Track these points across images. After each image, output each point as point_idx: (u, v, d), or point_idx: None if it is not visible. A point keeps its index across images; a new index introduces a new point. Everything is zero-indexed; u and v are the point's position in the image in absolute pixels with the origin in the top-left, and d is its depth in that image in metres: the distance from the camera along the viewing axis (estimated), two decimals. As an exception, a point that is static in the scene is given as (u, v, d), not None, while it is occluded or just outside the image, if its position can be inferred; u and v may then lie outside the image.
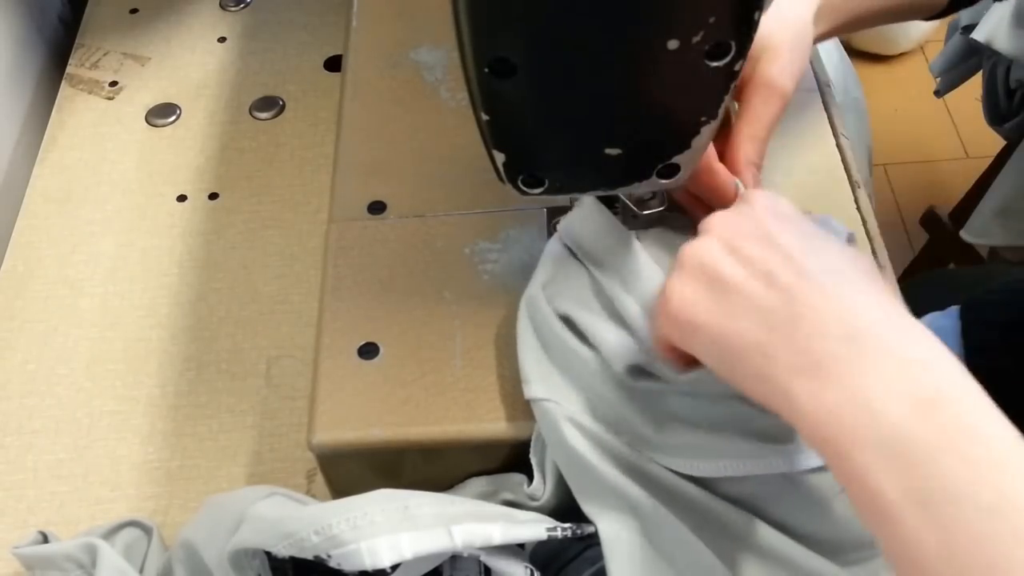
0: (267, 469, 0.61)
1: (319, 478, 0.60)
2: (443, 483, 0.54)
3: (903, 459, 0.34)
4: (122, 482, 0.62)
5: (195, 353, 0.67)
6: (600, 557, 0.47)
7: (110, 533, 0.56)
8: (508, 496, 0.51)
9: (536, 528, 0.47)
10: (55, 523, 0.60)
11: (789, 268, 0.40)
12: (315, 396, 0.52)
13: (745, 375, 0.40)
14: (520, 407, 0.51)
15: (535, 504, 0.50)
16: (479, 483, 0.53)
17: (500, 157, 0.46)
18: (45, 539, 0.55)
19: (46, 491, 0.61)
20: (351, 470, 0.53)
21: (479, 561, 0.48)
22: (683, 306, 0.42)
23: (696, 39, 0.39)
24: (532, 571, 0.47)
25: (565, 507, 0.50)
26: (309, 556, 0.45)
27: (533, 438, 0.50)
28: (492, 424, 0.51)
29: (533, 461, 0.51)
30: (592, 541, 0.48)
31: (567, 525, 0.47)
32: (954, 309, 0.73)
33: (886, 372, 0.36)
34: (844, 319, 0.38)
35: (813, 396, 0.37)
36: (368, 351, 0.53)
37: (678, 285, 0.43)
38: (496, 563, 0.47)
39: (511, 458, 0.52)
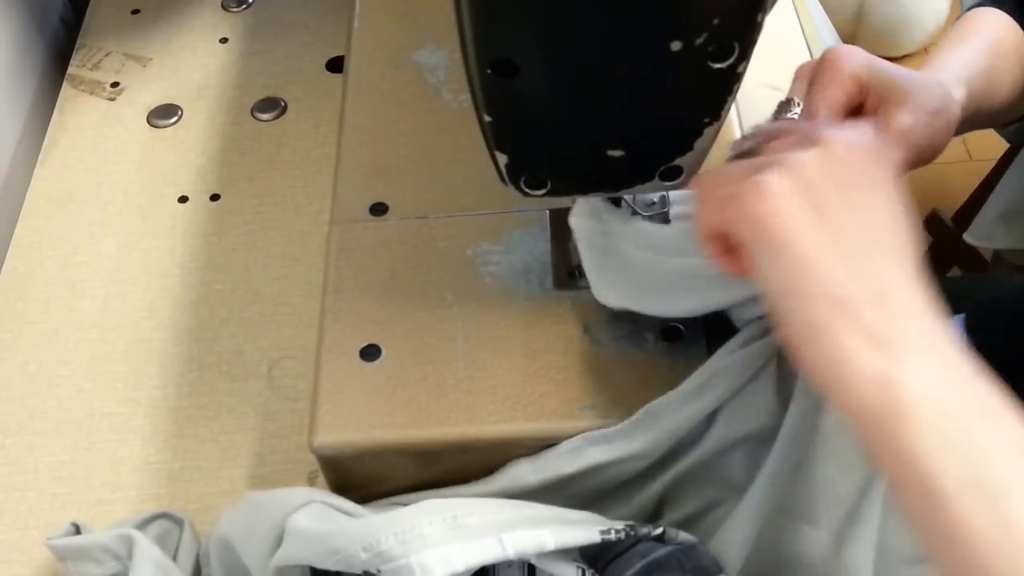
0: (269, 471, 0.61)
1: (320, 480, 0.60)
2: (445, 485, 0.54)
3: (961, 449, 0.35)
4: (123, 483, 0.61)
5: (196, 354, 0.67)
6: (651, 551, 0.47)
7: (142, 525, 0.55)
8: None
9: (589, 531, 0.46)
10: (56, 524, 0.59)
11: (886, 243, 0.39)
12: (316, 398, 0.52)
13: (806, 315, 0.38)
14: (523, 409, 0.51)
15: None
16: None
17: (502, 158, 0.46)
18: (77, 531, 0.55)
19: (47, 492, 0.61)
20: (352, 472, 0.53)
21: (525, 562, 0.47)
22: (780, 209, 0.39)
23: (699, 40, 0.39)
24: (584, 571, 0.47)
25: None
26: (358, 572, 0.44)
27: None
28: (494, 426, 0.51)
29: None
30: (642, 536, 0.47)
31: (620, 527, 0.47)
32: (959, 318, 0.73)
33: (951, 370, 0.37)
34: (924, 308, 0.38)
35: (878, 369, 0.37)
36: (370, 353, 0.53)
37: (779, 184, 0.39)
38: (546, 564, 0.46)
39: (513, 460, 0.52)
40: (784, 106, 0.53)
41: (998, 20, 0.63)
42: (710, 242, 0.43)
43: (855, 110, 0.52)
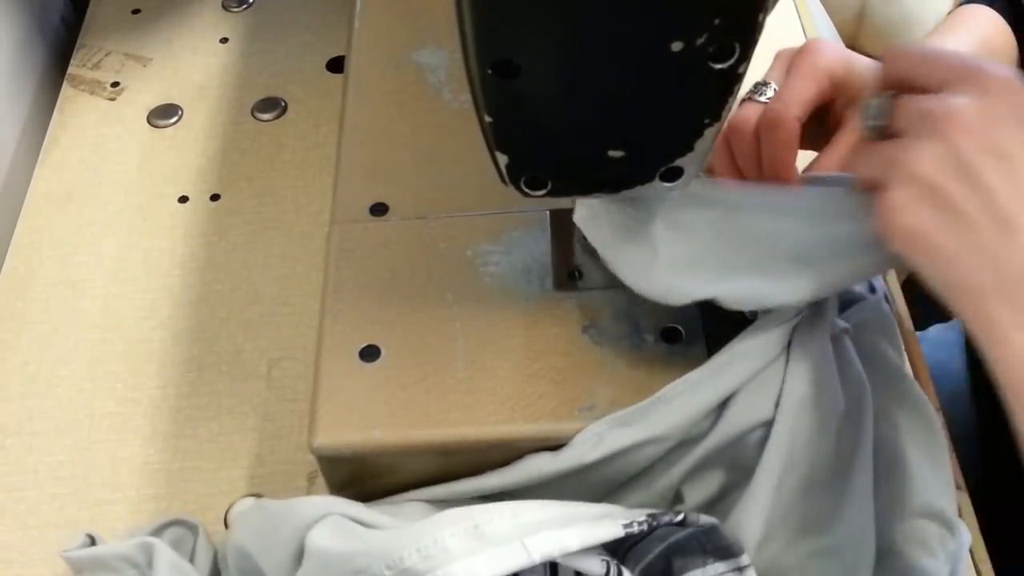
0: (268, 471, 0.61)
1: (320, 480, 0.60)
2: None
3: None
4: (123, 484, 0.61)
5: (196, 355, 0.67)
6: (671, 534, 0.47)
7: (156, 532, 0.55)
8: None
9: (612, 526, 0.46)
10: (55, 525, 0.60)
11: None
12: (316, 398, 0.52)
13: (962, 303, 0.40)
14: (522, 410, 0.51)
15: None
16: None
17: (503, 159, 0.46)
18: (92, 542, 0.55)
19: (46, 493, 0.61)
20: (352, 473, 0.53)
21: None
22: (913, 225, 0.41)
23: (700, 41, 0.39)
24: (608, 564, 0.46)
25: None
26: None
27: None
28: (494, 427, 0.50)
29: None
30: (663, 523, 0.48)
31: (641, 518, 0.47)
32: (958, 321, 0.73)
33: None
34: None
35: None
36: (369, 353, 0.53)
37: (904, 200, 0.41)
38: (569, 561, 0.46)
39: (514, 461, 0.52)
40: (759, 87, 0.53)
41: (989, 18, 0.63)
42: None
43: (825, 106, 0.52)
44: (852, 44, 1.72)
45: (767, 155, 0.51)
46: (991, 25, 0.63)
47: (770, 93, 0.52)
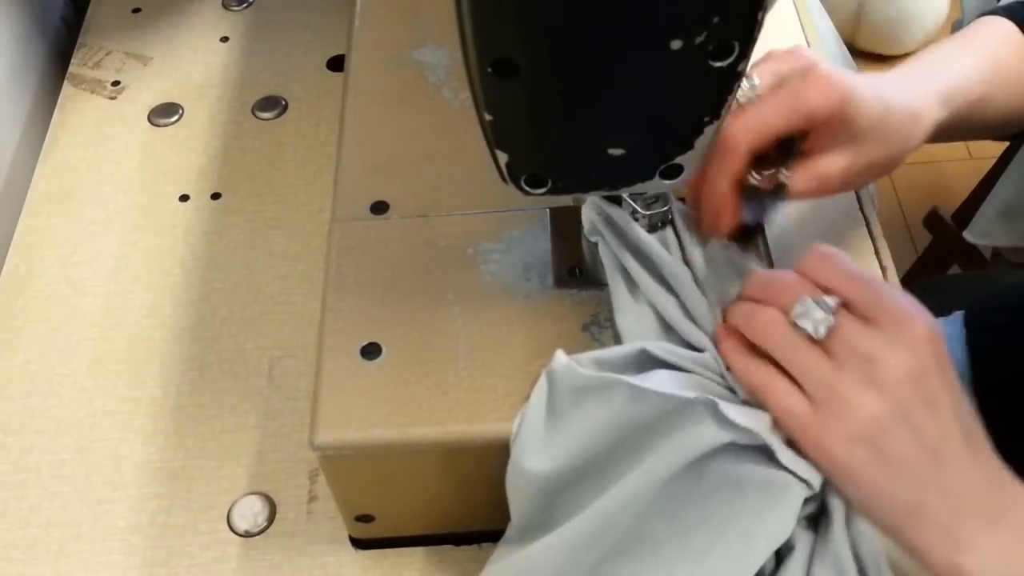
0: (269, 470, 0.61)
1: (321, 479, 0.60)
2: (445, 484, 0.54)
3: None
4: (124, 482, 0.62)
5: (197, 353, 0.67)
6: None
7: None
8: None
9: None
10: (57, 523, 0.60)
11: (952, 445, 0.43)
12: (317, 396, 0.52)
13: (885, 524, 0.44)
14: (523, 407, 0.51)
15: None
16: None
17: (503, 157, 0.46)
18: None
19: (48, 491, 0.61)
20: (353, 471, 0.53)
21: None
22: (850, 463, 0.43)
23: (699, 39, 0.39)
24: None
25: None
26: None
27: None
28: (496, 425, 0.51)
29: None
30: None
31: None
32: (958, 315, 0.73)
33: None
34: (989, 500, 0.43)
35: (951, 560, 0.42)
36: (371, 351, 0.53)
37: (843, 438, 0.43)
38: None
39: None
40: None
41: (1003, 33, 0.60)
42: None
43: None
44: (851, 42, 1.72)
45: (709, 169, 0.51)
46: (1004, 41, 0.60)
47: (749, 93, 0.51)
